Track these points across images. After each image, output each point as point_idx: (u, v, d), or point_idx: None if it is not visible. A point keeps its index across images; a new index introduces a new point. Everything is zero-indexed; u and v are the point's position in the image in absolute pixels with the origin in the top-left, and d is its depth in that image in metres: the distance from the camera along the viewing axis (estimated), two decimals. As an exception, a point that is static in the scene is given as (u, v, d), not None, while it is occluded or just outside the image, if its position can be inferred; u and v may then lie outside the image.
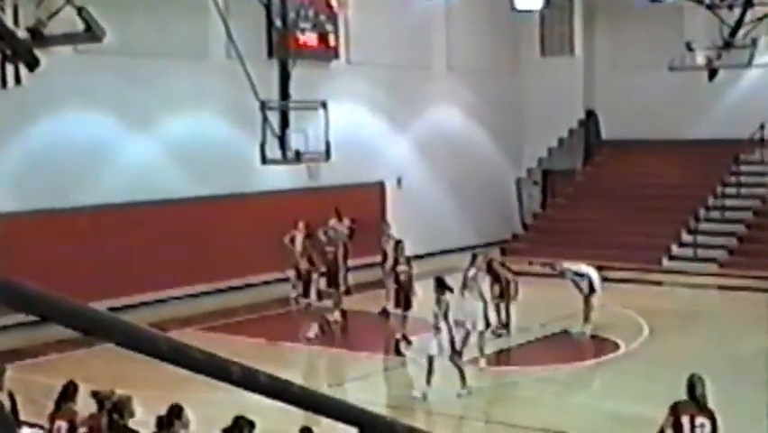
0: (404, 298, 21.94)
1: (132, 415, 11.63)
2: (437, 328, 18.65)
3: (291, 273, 25.49)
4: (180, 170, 28.22)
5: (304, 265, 24.76)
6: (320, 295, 26.42)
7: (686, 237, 33.24)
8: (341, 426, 3.43)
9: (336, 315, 25.53)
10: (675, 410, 12.19)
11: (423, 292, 22.50)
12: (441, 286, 18.79)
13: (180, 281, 27.52)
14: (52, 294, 2.48)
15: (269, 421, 12.00)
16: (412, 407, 18.54)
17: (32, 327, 21.34)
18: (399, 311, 21.84)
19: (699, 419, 12.05)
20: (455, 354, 18.78)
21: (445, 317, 18.61)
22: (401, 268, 22.30)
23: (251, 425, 10.68)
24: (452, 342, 18.59)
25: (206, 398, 15.40)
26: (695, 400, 12.23)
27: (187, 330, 22.48)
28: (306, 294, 23.69)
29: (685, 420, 12.08)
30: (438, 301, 18.64)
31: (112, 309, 24.03)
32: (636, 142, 36.19)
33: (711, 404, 12.29)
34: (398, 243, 23.97)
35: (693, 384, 12.44)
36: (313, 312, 23.96)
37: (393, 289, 23.04)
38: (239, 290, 27.61)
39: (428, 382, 18.55)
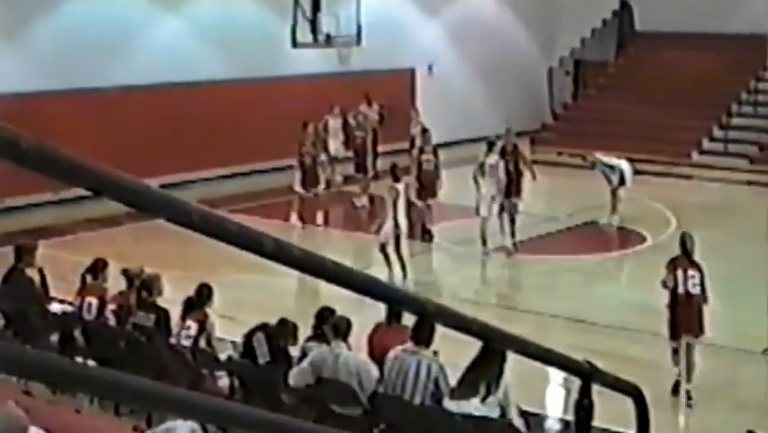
0: (429, 186, 21.86)
1: (160, 293, 11.76)
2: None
3: (323, 156, 25.44)
4: (210, 52, 28.11)
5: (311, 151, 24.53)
6: (345, 179, 26.58)
7: (717, 132, 32.98)
8: (371, 302, 3.44)
9: (364, 200, 25.60)
10: (672, 264, 14.15)
11: (451, 181, 22.54)
12: (393, 174, 18.86)
13: (209, 163, 27.59)
14: (86, 161, 2.47)
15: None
16: (434, 291, 18.65)
17: (61, 205, 21.52)
18: (419, 202, 21.72)
19: (691, 272, 13.96)
20: (398, 245, 18.83)
21: (394, 205, 18.60)
22: (425, 157, 22.16)
23: (295, 327, 10.63)
24: (396, 234, 18.64)
25: (235, 280, 15.57)
26: (686, 253, 14.14)
27: (218, 211, 22.57)
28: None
29: (679, 273, 13.98)
30: (390, 189, 18.68)
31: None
32: (670, 35, 35.73)
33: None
34: (425, 131, 23.90)
35: (684, 241, 14.38)
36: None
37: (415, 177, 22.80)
38: (267, 173, 27.64)
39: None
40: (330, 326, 10.00)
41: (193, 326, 11.23)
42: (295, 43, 26.72)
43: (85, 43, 25.05)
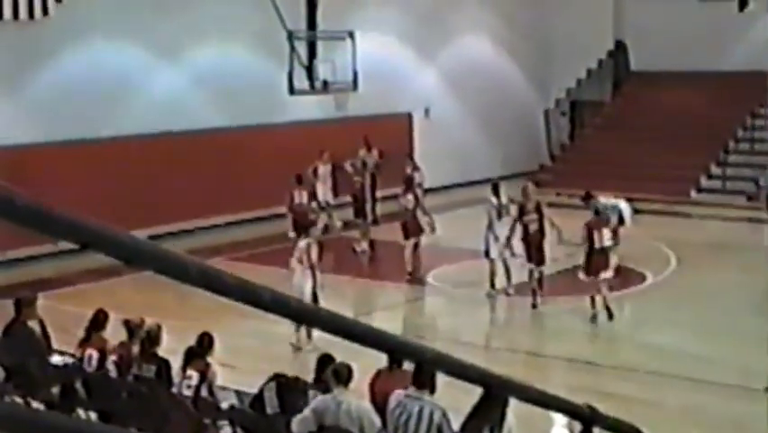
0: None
1: (159, 343, 11.73)
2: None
3: (313, 204, 25.49)
4: (208, 101, 28.21)
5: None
6: (345, 225, 26.70)
7: (715, 169, 33.06)
8: (369, 351, 3.44)
9: (364, 245, 25.64)
10: (588, 227, 18.67)
11: (447, 222, 22.58)
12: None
13: (208, 211, 27.62)
14: (81, 218, 2.49)
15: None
16: (438, 336, 18.64)
17: (61, 256, 21.52)
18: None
19: (604, 230, 18.64)
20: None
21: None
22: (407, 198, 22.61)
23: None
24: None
25: (235, 327, 15.55)
26: (598, 215, 19.21)
27: (216, 260, 22.58)
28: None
29: (595, 234, 18.60)
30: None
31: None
32: (666, 74, 35.87)
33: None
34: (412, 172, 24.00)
35: (596, 208, 19.64)
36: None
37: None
38: (267, 220, 27.66)
39: None
40: (331, 372, 9.96)
41: (194, 375, 11.21)
42: (292, 90, 26.82)
43: (81, 94, 25.12)
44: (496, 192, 21.21)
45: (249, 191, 27.99)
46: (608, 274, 19.00)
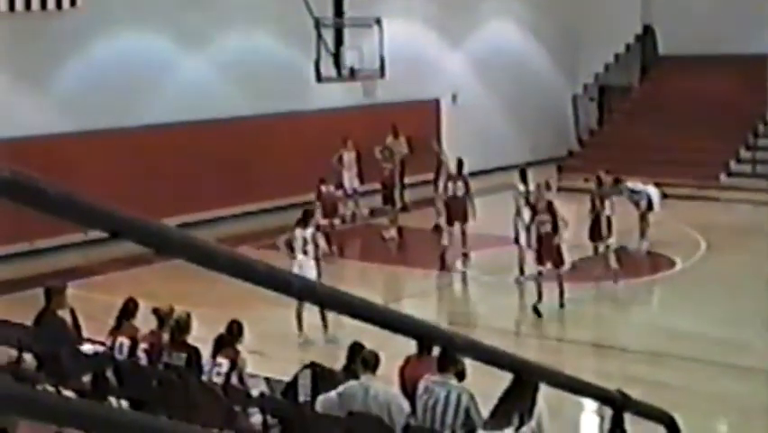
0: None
1: (189, 331, 11.76)
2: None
3: (339, 192, 25.57)
4: (235, 89, 28.25)
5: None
6: (372, 212, 26.77)
7: (744, 153, 32.87)
8: (399, 338, 3.45)
9: (392, 232, 25.65)
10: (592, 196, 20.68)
11: (480, 209, 22.58)
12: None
13: (236, 199, 27.66)
14: (112, 207, 2.50)
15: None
16: (468, 322, 18.64)
17: (89, 245, 21.62)
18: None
19: (606, 202, 20.54)
20: None
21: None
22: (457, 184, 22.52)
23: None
24: None
25: (264, 315, 15.57)
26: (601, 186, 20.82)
27: (242, 248, 22.62)
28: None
29: (598, 203, 20.63)
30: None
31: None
32: (694, 58, 35.67)
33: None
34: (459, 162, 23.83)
35: (600, 179, 21.26)
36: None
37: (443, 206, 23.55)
38: (295, 207, 27.66)
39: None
40: (359, 360, 9.99)
41: (224, 363, 11.24)
42: (319, 78, 26.79)
43: (109, 83, 25.22)
44: (524, 178, 21.18)
45: (277, 179, 28.02)
46: (610, 241, 20.61)
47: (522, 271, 20.70)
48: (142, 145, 25.75)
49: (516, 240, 20.76)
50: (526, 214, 20.57)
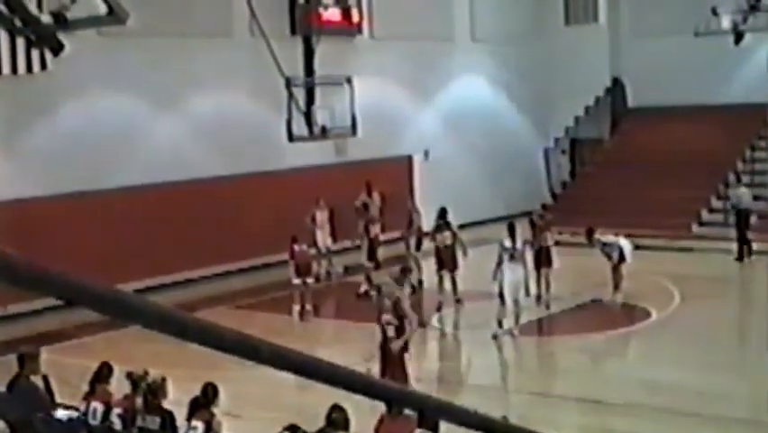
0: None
1: (165, 396, 11.69)
2: None
3: (313, 251, 25.58)
4: (207, 150, 28.26)
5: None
6: (346, 270, 26.80)
7: (716, 203, 33.09)
8: (371, 402, 3.43)
9: (364, 287, 25.56)
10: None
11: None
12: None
13: (211, 260, 27.61)
14: (79, 279, 2.48)
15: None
16: (443, 379, 18.59)
17: (63, 310, 21.48)
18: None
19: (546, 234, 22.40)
20: None
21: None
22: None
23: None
24: None
25: (239, 376, 15.44)
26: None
27: (219, 309, 22.56)
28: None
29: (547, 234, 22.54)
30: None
31: (143, 290, 24.14)
32: (664, 109, 35.98)
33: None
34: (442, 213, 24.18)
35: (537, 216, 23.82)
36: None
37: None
38: (270, 267, 27.63)
39: None
40: (326, 421, 9.97)
41: (200, 426, 11.17)
42: (291, 137, 26.84)
43: (80, 146, 25.17)
44: (512, 234, 21.05)
45: (251, 239, 27.98)
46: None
47: (501, 325, 20.63)
48: (114, 208, 25.69)
49: (501, 295, 20.57)
50: (508, 269, 20.47)
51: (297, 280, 23.29)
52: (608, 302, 23.15)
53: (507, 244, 20.77)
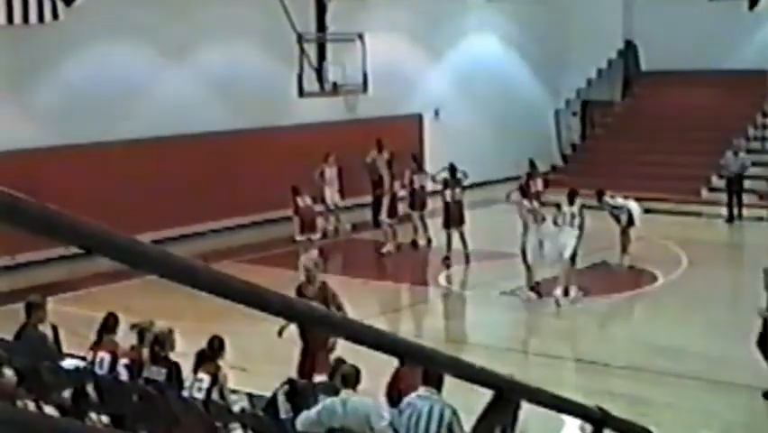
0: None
1: (172, 347, 11.72)
2: None
3: (320, 207, 25.54)
4: (217, 103, 28.18)
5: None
6: (354, 227, 26.83)
7: (725, 168, 33.00)
8: (381, 355, 3.43)
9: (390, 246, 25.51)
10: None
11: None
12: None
13: (218, 214, 27.62)
14: (93, 224, 2.48)
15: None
16: (449, 338, 18.63)
17: (71, 259, 21.55)
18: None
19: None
20: None
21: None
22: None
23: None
24: None
25: (245, 330, 15.50)
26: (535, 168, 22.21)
27: (225, 262, 22.58)
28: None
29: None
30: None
31: (150, 243, 24.17)
32: (676, 73, 35.80)
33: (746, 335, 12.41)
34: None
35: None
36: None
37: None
38: (277, 222, 27.64)
39: None
40: (339, 376, 9.96)
41: (205, 378, 11.20)
42: (301, 92, 26.81)
43: (88, 98, 25.11)
44: (525, 194, 21.19)
45: (258, 194, 27.94)
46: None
47: (532, 288, 20.56)
48: (122, 160, 25.64)
49: (524, 257, 20.56)
50: (532, 231, 20.49)
51: (301, 237, 23.31)
52: (614, 265, 23.15)
53: (528, 205, 20.80)
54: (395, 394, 10.65)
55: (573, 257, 20.47)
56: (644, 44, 37.82)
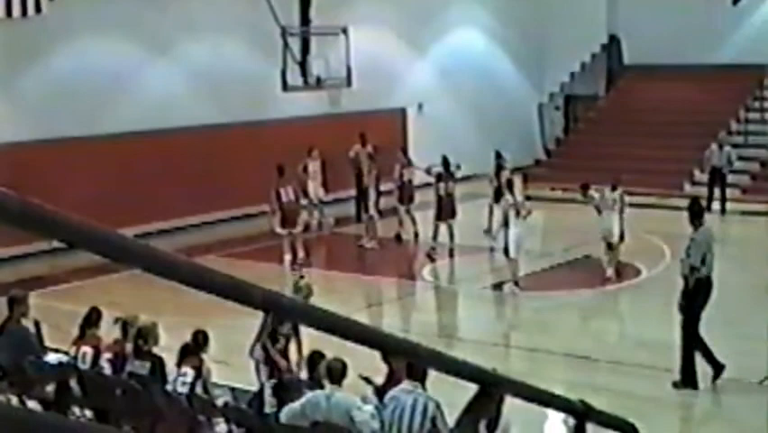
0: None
1: (156, 342, 11.71)
2: None
3: (303, 201, 25.49)
4: (200, 98, 28.14)
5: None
6: (337, 221, 26.79)
7: (708, 163, 33.08)
8: (362, 349, 3.44)
9: (373, 242, 25.50)
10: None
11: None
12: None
13: (201, 208, 27.58)
14: (74, 218, 2.48)
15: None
16: (434, 332, 18.64)
17: (54, 254, 21.49)
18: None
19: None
20: None
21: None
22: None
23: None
24: None
25: (229, 324, 15.51)
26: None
27: (209, 257, 22.55)
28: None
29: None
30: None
31: (134, 237, 24.12)
32: (659, 67, 35.88)
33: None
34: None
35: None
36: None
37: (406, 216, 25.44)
38: (260, 216, 27.61)
39: None
40: (325, 370, 9.94)
41: (189, 372, 11.20)
42: (285, 86, 26.79)
43: (73, 92, 25.06)
44: (510, 189, 21.23)
45: (242, 188, 27.89)
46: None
47: (517, 283, 20.63)
48: (106, 154, 25.61)
49: (506, 252, 20.63)
50: (514, 225, 20.51)
51: (282, 231, 23.29)
52: (597, 258, 23.18)
53: (510, 199, 20.82)
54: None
55: (622, 237, 21.44)
56: (627, 38, 37.89)
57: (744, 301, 19.29)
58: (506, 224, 20.68)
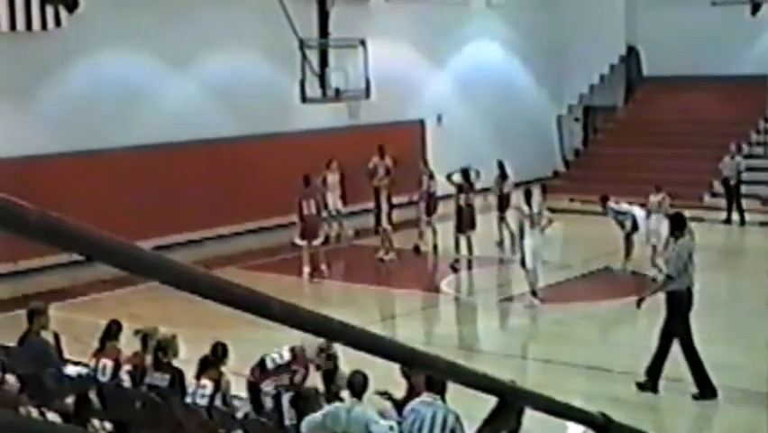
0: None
1: (176, 354, 11.72)
2: None
3: (323, 213, 25.47)
4: (219, 110, 28.22)
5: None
6: (357, 233, 26.78)
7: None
8: (381, 361, 3.43)
9: (392, 254, 25.45)
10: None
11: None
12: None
13: (221, 221, 27.63)
14: (94, 231, 2.48)
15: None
16: (453, 344, 18.61)
17: (74, 266, 21.55)
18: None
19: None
20: None
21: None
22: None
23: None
24: None
25: (249, 336, 15.50)
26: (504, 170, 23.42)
27: (229, 269, 22.59)
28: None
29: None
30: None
31: (153, 249, 24.16)
32: (678, 78, 35.83)
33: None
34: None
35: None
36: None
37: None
38: (280, 228, 27.64)
39: None
40: (347, 383, 9.95)
41: (208, 385, 11.21)
42: (304, 99, 26.80)
43: (93, 104, 25.18)
44: (528, 200, 21.10)
45: (261, 200, 27.97)
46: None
47: (534, 294, 20.57)
48: (125, 167, 25.68)
49: (523, 263, 20.57)
50: (529, 236, 20.44)
51: (302, 242, 23.32)
52: (617, 270, 23.15)
53: (526, 210, 20.74)
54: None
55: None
56: (646, 49, 37.85)
57: (762, 313, 19.20)
58: (521, 235, 20.65)
